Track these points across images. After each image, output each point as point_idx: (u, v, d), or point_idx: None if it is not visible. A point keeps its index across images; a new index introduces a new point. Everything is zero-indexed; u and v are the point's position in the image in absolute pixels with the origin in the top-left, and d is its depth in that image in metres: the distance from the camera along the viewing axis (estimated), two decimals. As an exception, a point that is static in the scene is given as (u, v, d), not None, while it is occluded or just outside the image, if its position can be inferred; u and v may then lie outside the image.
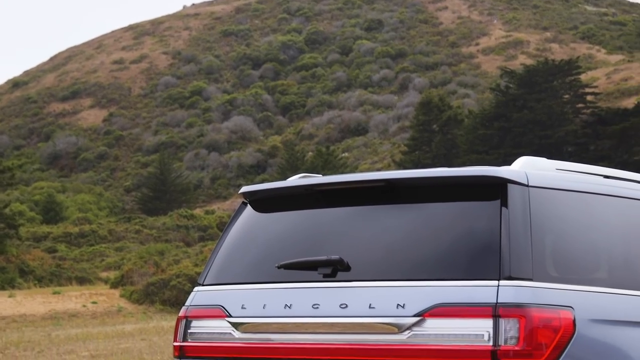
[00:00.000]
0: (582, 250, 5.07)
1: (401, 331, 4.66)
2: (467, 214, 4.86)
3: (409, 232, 4.95)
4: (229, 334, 5.17)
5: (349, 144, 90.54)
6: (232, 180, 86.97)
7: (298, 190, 5.37)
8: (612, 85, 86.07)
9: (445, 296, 4.62)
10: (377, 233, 5.02)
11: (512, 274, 4.57)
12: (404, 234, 4.96)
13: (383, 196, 5.09)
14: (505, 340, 4.49)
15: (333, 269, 4.94)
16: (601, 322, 4.76)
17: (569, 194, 5.08)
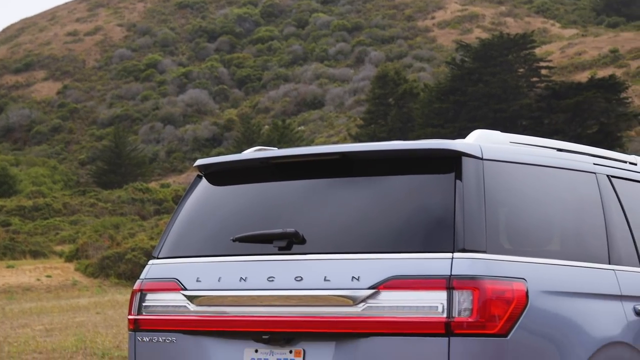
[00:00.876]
0: (535, 223, 5.11)
1: (356, 303, 4.68)
2: (422, 187, 4.88)
3: (364, 205, 4.96)
4: (184, 307, 5.17)
5: (305, 117, 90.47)
6: (187, 154, 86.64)
7: (253, 163, 5.36)
8: (566, 60, 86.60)
9: (399, 269, 4.65)
10: (332, 206, 5.03)
11: (466, 247, 4.61)
12: (359, 207, 4.97)
13: (338, 169, 5.09)
14: (459, 312, 4.52)
15: (288, 241, 4.95)
16: (553, 294, 4.81)
17: (523, 167, 5.11)
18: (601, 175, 5.55)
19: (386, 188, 4.97)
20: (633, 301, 5.26)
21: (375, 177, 5.03)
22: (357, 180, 5.07)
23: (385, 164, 5.02)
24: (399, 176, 4.98)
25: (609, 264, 5.29)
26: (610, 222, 5.42)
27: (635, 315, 5.24)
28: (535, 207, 5.13)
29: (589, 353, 4.82)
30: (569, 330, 4.81)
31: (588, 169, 5.51)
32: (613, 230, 5.42)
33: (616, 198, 5.57)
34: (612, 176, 5.64)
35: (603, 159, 5.73)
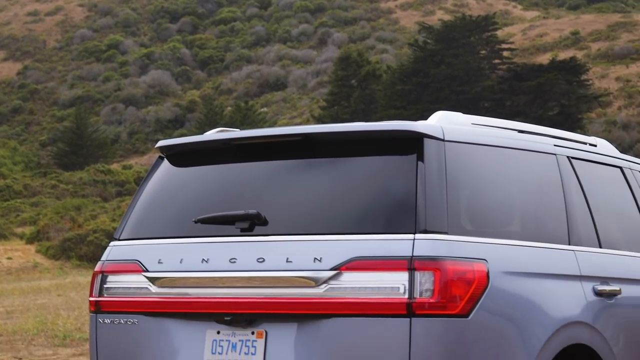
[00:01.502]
0: (496, 204, 5.14)
1: (318, 285, 4.69)
2: (384, 168, 4.89)
3: (326, 187, 4.97)
4: (146, 288, 5.16)
5: (267, 98, 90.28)
6: (149, 135, 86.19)
7: (215, 144, 5.34)
8: (527, 42, 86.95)
9: (361, 250, 4.66)
10: (295, 187, 5.04)
11: (428, 228, 4.62)
12: (321, 189, 4.97)
13: (301, 150, 5.09)
14: (421, 292, 4.54)
15: (250, 223, 4.94)
16: (514, 274, 4.84)
17: (484, 149, 5.14)
18: (561, 157, 5.59)
19: (348, 169, 4.97)
20: (592, 281, 5.31)
21: (337, 159, 5.04)
22: (320, 162, 5.07)
23: (347, 145, 5.03)
24: (361, 157, 4.98)
25: (569, 244, 5.33)
26: (570, 203, 5.47)
27: (595, 296, 5.29)
28: (496, 189, 5.16)
29: (548, 333, 4.87)
30: (529, 311, 4.85)
31: (549, 151, 5.54)
32: (573, 211, 5.46)
33: (576, 179, 5.61)
34: (573, 157, 5.68)
35: (563, 141, 5.77)
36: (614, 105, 68.08)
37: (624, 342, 5.41)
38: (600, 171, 5.93)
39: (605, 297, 5.36)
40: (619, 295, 5.45)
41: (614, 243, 5.75)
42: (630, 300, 5.54)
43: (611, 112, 67.04)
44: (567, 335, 5.02)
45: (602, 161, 5.99)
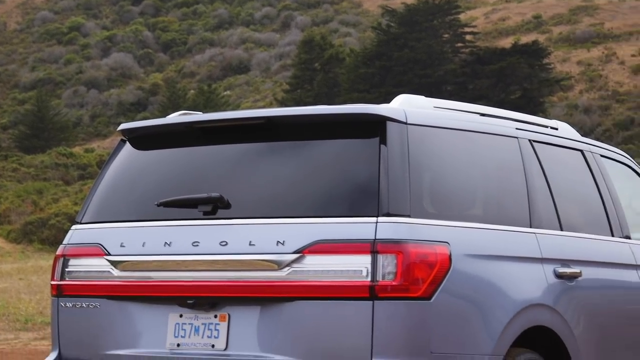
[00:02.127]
0: (459, 187, 5.16)
1: (281, 268, 4.69)
2: (347, 152, 4.90)
3: (289, 170, 4.97)
4: (108, 272, 5.14)
5: (231, 82, 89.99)
6: (112, 118, 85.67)
7: (178, 127, 5.32)
8: (490, 25, 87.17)
9: (324, 233, 4.66)
10: (258, 171, 5.03)
11: (390, 211, 4.64)
12: (284, 172, 4.97)
13: (264, 134, 5.09)
14: (383, 275, 4.56)
15: (213, 206, 4.94)
16: (476, 257, 4.87)
17: (446, 132, 5.15)
18: (523, 140, 5.62)
19: (311, 152, 4.98)
20: (553, 264, 5.35)
21: (300, 142, 5.04)
22: (283, 145, 5.07)
23: (310, 128, 5.03)
24: (324, 141, 4.99)
25: (530, 227, 5.36)
26: (531, 186, 5.50)
27: (556, 278, 5.32)
28: (458, 172, 5.18)
29: (510, 315, 4.90)
30: (491, 293, 4.88)
31: (510, 134, 5.57)
32: (534, 194, 5.49)
33: (538, 162, 5.64)
34: (534, 141, 5.70)
35: (525, 124, 5.80)
36: (576, 89, 68.48)
37: (584, 323, 5.46)
38: (561, 154, 5.97)
39: (566, 280, 5.40)
40: (579, 277, 5.49)
41: (575, 226, 5.79)
42: (590, 283, 5.59)
43: (573, 96, 67.41)
44: (528, 318, 5.05)
45: (563, 144, 6.03)
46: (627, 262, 6.05)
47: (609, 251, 5.95)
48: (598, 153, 6.34)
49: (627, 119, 62.54)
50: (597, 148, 6.41)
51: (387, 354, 4.51)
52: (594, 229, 5.97)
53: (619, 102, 65.44)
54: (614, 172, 6.40)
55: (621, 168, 6.65)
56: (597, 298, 5.66)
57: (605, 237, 6.00)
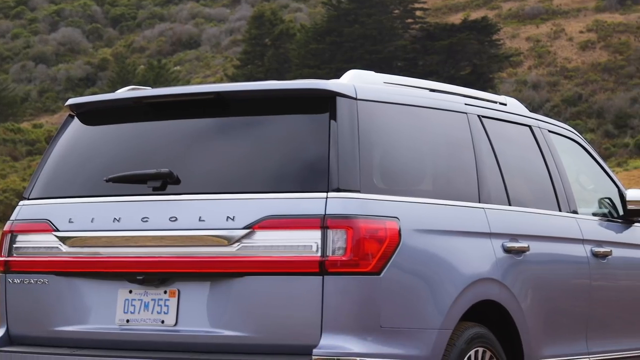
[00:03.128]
0: (408, 163, 5.18)
1: (231, 243, 4.69)
2: (297, 127, 4.90)
3: (239, 145, 4.96)
4: (56, 248, 5.10)
5: (181, 57, 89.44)
6: (60, 94, 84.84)
7: (127, 102, 5.29)
8: (440, 1, 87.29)
9: (274, 208, 4.67)
10: (208, 146, 5.02)
11: (340, 186, 4.64)
12: (234, 147, 4.96)
13: (213, 109, 5.07)
14: (333, 250, 4.57)
15: (162, 182, 4.92)
16: (425, 232, 4.90)
17: (396, 107, 5.16)
18: (472, 115, 5.64)
19: (261, 128, 4.97)
20: (502, 239, 5.39)
21: (250, 117, 5.03)
22: (233, 120, 5.05)
23: (260, 103, 5.02)
24: (274, 116, 4.98)
25: (479, 202, 5.40)
26: (480, 161, 5.53)
27: (504, 252, 5.37)
28: (408, 147, 5.20)
29: (459, 289, 4.94)
30: (440, 268, 4.91)
31: (459, 109, 5.59)
32: (483, 169, 5.53)
33: (486, 138, 5.67)
34: (483, 116, 5.74)
35: (474, 99, 5.82)
36: (524, 65, 68.86)
37: (531, 297, 5.52)
38: (509, 130, 6.01)
39: (514, 254, 5.45)
40: (527, 252, 5.54)
41: (523, 201, 5.84)
42: (538, 257, 5.64)
43: (521, 72, 67.79)
44: (477, 292, 5.09)
45: (511, 120, 6.06)
46: (574, 237, 6.11)
47: (557, 226, 6.01)
48: (546, 128, 6.39)
49: (575, 94, 63.07)
50: (545, 123, 6.46)
51: (337, 328, 4.53)
52: (541, 204, 6.02)
53: (567, 78, 65.95)
54: (561, 148, 6.46)
55: (569, 143, 6.71)
56: (544, 272, 5.72)
57: (552, 212, 6.06)
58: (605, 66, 66.21)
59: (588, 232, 6.26)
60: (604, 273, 6.30)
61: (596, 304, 6.21)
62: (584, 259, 6.12)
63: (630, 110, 60.25)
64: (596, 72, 65.79)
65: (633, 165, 48.65)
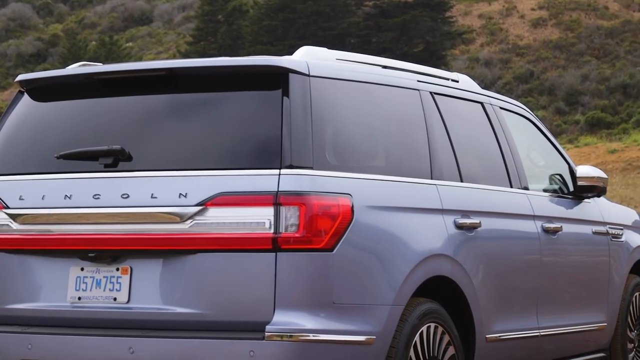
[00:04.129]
0: (361, 139, 5.19)
1: (183, 220, 4.68)
2: (250, 104, 4.89)
3: (192, 122, 4.94)
4: (6, 225, 5.06)
5: (133, 33, 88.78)
6: (10, 70, 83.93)
7: (77, 78, 5.25)
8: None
9: (227, 185, 4.66)
10: (160, 123, 4.99)
11: (293, 163, 4.65)
12: (187, 124, 4.94)
13: (166, 85, 5.04)
14: (286, 227, 4.57)
15: (114, 158, 4.89)
16: (378, 209, 4.91)
17: (349, 84, 5.17)
18: (424, 92, 5.66)
19: (214, 104, 4.95)
20: (454, 215, 5.43)
21: (202, 94, 5.01)
22: (185, 97, 5.04)
23: (212, 80, 5.00)
24: (226, 93, 4.97)
25: (431, 179, 5.42)
26: (432, 138, 5.55)
27: (456, 229, 5.40)
28: (360, 124, 5.21)
29: (411, 266, 4.96)
30: (393, 244, 4.93)
31: (412, 86, 5.61)
32: (435, 146, 5.55)
33: (439, 114, 5.70)
34: (435, 93, 5.76)
35: (426, 76, 5.84)
36: (477, 42, 69.13)
37: (483, 273, 5.56)
38: (462, 106, 6.04)
39: (466, 230, 5.48)
40: (479, 228, 5.58)
41: (475, 177, 5.88)
42: (489, 233, 5.69)
43: (474, 49, 68.05)
44: (429, 268, 5.12)
45: (463, 97, 6.09)
46: (525, 213, 6.17)
47: (508, 202, 6.06)
48: (498, 105, 6.44)
49: (527, 72, 63.45)
50: (497, 100, 6.50)
51: (290, 305, 4.54)
52: (493, 181, 6.06)
53: (519, 56, 66.31)
54: (513, 124, 6.51)
55: (520, 120, 6.77)
56: (495, 248, 5.76)
57: (504, 188, 6.10)
58: (556, 43, 66.64)
59: (539, 208, 6.32)
60: (554, 249, 6.36)
61: (547, 279, 6.28)
62: (535, 235, 6.18)
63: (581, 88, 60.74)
64: (548, 50, 66.21)
65: (584, 142, 49.12)
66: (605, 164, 40.47)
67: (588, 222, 6.89)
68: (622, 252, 7.22)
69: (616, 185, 32.91)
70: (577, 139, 51.76)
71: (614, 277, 7.06)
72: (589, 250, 6.91)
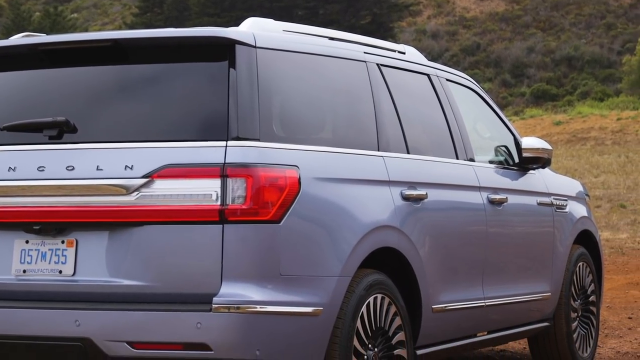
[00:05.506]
0: (308, 111, 5.20)
1: (129, 192, 4.65)
2: (196, 75, 4.87)
3: (138, 94, 4.91)
4: (-50, 198, 4.99)
5: (78, 4, 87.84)
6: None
7: (20, 49, 5.18)
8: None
9: (174, 157, 4.64)
10: (105, 94, 4.96)
11: (240, 135, 4.63)
12: (133, 96, 4.92)
13: (111, 57, 5.00)
14: (233, 199, 4.57)
15: (59, 130, 4.85)
16: (325, 180, 4.92)
17: (296, 56, 5.16)
18: (371, 64, 5.67)
19: (160, 76, 4.92)
20: (400, 186, 5.45)
21: (148, 65, 4.98)
22: (131, 68, 5.00)
23: (158, 51, 4.97)
24: (172, 64, 4.94)
25: (378, 150, 5.44)
26: (379, 109, 5.57)
27: (402, 200, 5.43)
28: (307, 96, 5.21)
29: (358, 237, 4.98)
30: (339, 216, 4.95)
31: (359, 58, 5.61)
32: (382, 117, 5.57)
33: (385, 86, 5.71)
34: (382, 65, 5.77)
35: (373, 48, 5.85)
36: (424, 15, 69.31)
37: (429, 244, 5.60)
38: (408, 78, 6.06)
39: (413, 202, 5.51)
40: (425, 199, 5.61)
41: (421, 149, 5.91)
42: (435, 204, 5.72)
43: (421, 21, 68.24)
44: (376, 239, 5.15)
45: (410, 68, 6.11)
46: (471, 184, 6.21)
47: (454, 173, 6.09)
48: (444, 77, 6.46)
49: (474, 44, 63.75)
50: (444, 72, 6.52)
51: (237, 277, 4.54)
52: (439, 152, 6.10)
53: (465, 28, 66.60)
54: (459, 96, 6.54)
55: (466, 92, 6.80)
56: (442, 219, 5.80)
57: (450, 160, 6.14)
58: (502, 16, 66.99)
59: (485, 180, 6.36)
60: (499, 220, 6.42)
61: (492, 250, 6.33)
62: (481, 206, 6.23)
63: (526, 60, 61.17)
64: (494, 22, 66.55)
65: (529, 114, 49.50)
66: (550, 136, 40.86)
67: (533, 193, 6.96)
68: (566, 223, 7.30)
69: (561, 157, 33.28)
70: (522, 111, 52.18)
71: (558, 248, 7.14)
72: (534, 221, 6.98)
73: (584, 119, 44.05)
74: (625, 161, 31.71)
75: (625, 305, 10.54)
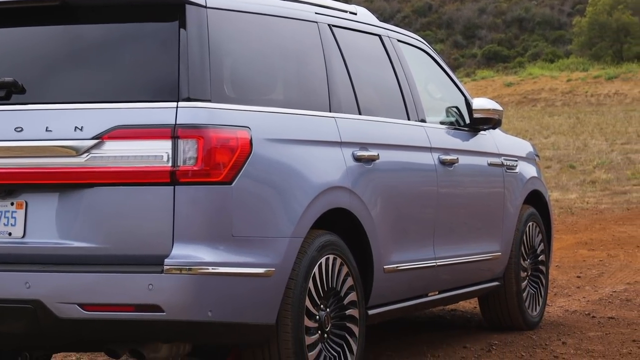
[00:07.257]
0: (259, 72, 5.18)
1: (79, 154, 4.62)
2: (146, 36, 4.83)
3: (87, 54, 4.87)
4: None
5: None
6: None
7: (-33, 9, 5.10)
8: None
9: (124, 118, 4.61)
10: (54, 54, 4.90)
11: (190, 96, 4.61)
12: (82, 56, 4.87)
13: (59, 16, 4.94)
14: (184, 160, 4.55)
15: (7, 91, 4.79)
16: (276, 141, 4.92)
17: (247, 16, 5.13)
18: (323, 25, 5.66)
19: (110, 36, 4.88)
20: (352, 147, 5.46)
21: (98, 25, 4.94)
22: (79, 28, 4.95)
23: (108, 11, 4.92)
24: (122, 24, 4.90)
25: (330, 111, 5.44)
26: (331, 70, 5.56)
27: (354, 161, 5.44)
28: (259, 56, 5.19)
29: (310, 198, 4.99)
30: (291, 177, 4.95)
31: (310, 18, 5.59)
32: (334, 78, 5.56)
33: (337, 47, 5.70)
34: (333, 25, 5.76)
35: (324, 9, 5.83)
36: (376, -24, 69.13)
37: (381, 205, 5.62)
38: (359, 39, 6.05)
39: (364, 162, 5.53)
40: (377, 160, 5.63)
41: (373, 110, 5.92)
42: (387, 165, 5.74)
43: (373, -18, 68.08)
44: (328, 200, 5.16)
45: (361, 29, 6.10)
46: (422, 145, 6.23)
47: (405, 134, 6.11)
48: (395, 38, 6.46)
49: (426, 5, 63.79)
50: (395, 33, 6.52)
51: (189, 238, 4.54)
52: (391, 113, 6.11)
53: (417, -11, 66.54)
54: (410, 57, 6.54)
55: (418, 53, 6.81)
56: (393, 180, 5.82)
57: (401, 121, 6.15)
58: (454, -23, 66.99)
59: (436, 141, 6.39)
60: (450, 180, 6.46)
61: (443, 210, 6.37)
62: (432, 167, 6.26)
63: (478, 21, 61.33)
64: (446, -17, 66.54)
65: (481, 75, 49.75)
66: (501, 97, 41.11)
67: (483, 154, 7.00)
68: (517, 183, 7.36)
69: (512, 118, 33.51)
70: (474, 72, 52.41)
71: (508, 208, 7.20)
72: (484, 181, 7.02)
73: (534, 80, 44.36)
74: (575, 122, 32.02)
75: (574, 264, 10.68)
